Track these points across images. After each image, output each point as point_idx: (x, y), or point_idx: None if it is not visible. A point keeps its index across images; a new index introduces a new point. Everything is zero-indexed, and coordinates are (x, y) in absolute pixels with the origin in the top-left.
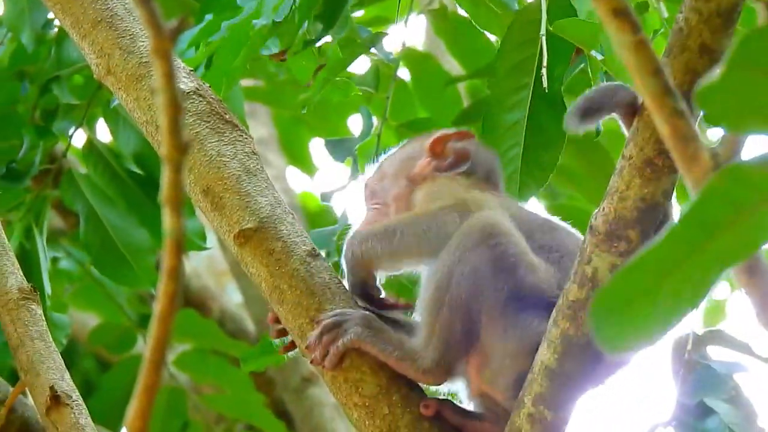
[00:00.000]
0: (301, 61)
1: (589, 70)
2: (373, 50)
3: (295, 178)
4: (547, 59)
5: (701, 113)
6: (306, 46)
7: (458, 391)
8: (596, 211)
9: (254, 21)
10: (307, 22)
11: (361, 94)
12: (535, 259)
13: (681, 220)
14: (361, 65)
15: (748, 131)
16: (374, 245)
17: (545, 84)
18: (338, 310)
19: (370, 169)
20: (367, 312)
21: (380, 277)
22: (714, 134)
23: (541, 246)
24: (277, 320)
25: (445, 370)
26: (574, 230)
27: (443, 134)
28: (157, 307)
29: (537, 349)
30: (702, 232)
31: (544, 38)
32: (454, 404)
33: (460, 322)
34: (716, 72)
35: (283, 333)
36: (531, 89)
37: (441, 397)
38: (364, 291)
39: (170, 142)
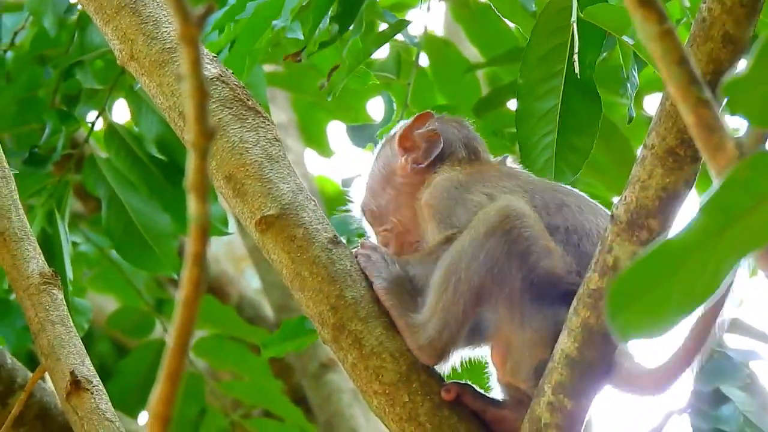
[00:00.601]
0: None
1: (620, 55)
2: (397, 36)
3: (311, 162)
4: (579, 46)
5: (724, 104)
6: (321, 47)
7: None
8: (618, 200)
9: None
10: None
11: (378, 82)
12: (551, 243)
13: (702, 208)
14: (381, 50)
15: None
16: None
17: (577, 70)
18: (383, 256)
19: (359, 189)
20: (402, 273)
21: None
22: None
23: (553, 225)
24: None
25: (438, 351)
26: (585, 198)
27: (405, 127)
28: (182, 293)
29: (555, 338)
30: (722, 219)
31: (575, 25)
32: (475, 390)
33: (463, 305)
34: (743, 66)
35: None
36: (564, 76)
37: (462, 381)
38: None
39: (196, 129)
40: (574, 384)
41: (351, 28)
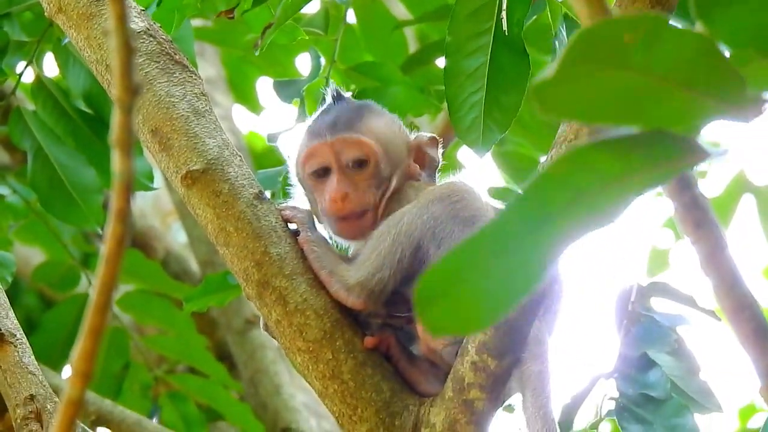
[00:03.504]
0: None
1: (549, 13)
2: None
3: (241, 118)
4: (507, 3)
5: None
6: (255, 4)
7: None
8: (544, 159)
9: None
10: None
11: (307, 38)
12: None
13: (517, 201)
14: (311, 6)
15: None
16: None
17: (505, 28)
18: (308, 214)
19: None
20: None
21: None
22: None
23: None
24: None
25: (368, 293)
26: None
27: (423, 141)
28: (105, 249)
29: None
30: (539, 213)
31: None
32: (401, 342)
33: (400, 253)
34: (551, 68)
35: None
36: (492, 34)
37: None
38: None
39: (122, 84)
40: (498, 344)
41: None
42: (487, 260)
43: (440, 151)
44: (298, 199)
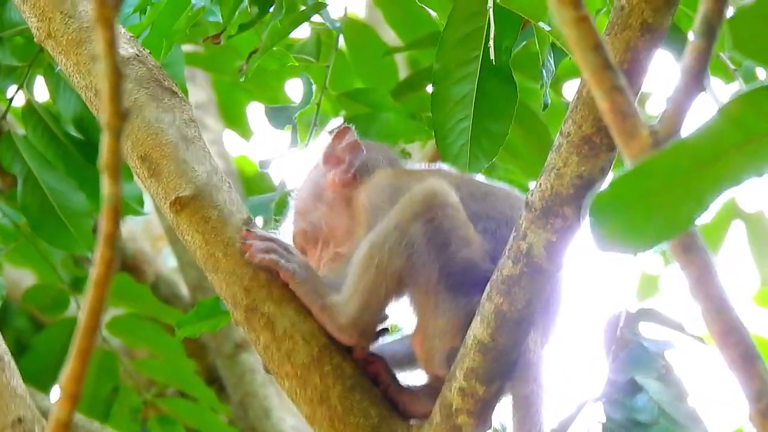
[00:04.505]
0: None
1: (537, 42)
2: (317, 18)
3: (231, 142)
4: (495, 31)
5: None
6: (241, 30)
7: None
8: (533, 187)
9: None
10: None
11: (297, 64)
12: (470, 232)
13: (691, 136)
14: (302, 32)
15: None
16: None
17: (493, 56)
18: (289, 244)
19: (287, 223)
20: (307, 261)
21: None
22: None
23: (477, 213)
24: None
25: (360, 332)
26: (511, 191)
27: (328, 146)
28: (94, 273)
29: (468, 325)
30: (710, 150)
31: (491, 10)
32: (390, 370)
33: (385, 287)
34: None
35: None
36: (480, 62)
37: (379, 355)
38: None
39: (110, 110)
40: (486, 370)
41: (271, 10)
42: (656, 188)
43: (349, 135)
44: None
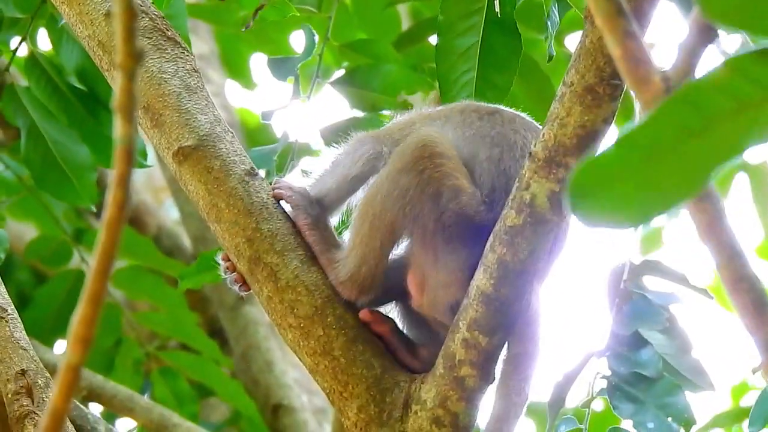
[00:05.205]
0: None
1: None
2: None
3: (234, 94)
4: None
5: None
6: None
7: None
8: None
9: None
10: None
11: (299, 15)
12: (461, 180)
13: (669, 102)
14: None
15: (747, 32)
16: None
17: (497, 8)
18: (301, 193)
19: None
20: (321, 211)
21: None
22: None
23: (480, 134)
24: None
25: (358, 286)
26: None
27: None
28: (106, 214)
29: (470, 278)
30: (695, 118)
31: None
32: (397, 330)
33: (380, 240)
34: None
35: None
36: (484, 13)
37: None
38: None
39: (124, 50)
40: (489, 321)
41: None
42: (639, 161)
43: None
44: (293, 175)
